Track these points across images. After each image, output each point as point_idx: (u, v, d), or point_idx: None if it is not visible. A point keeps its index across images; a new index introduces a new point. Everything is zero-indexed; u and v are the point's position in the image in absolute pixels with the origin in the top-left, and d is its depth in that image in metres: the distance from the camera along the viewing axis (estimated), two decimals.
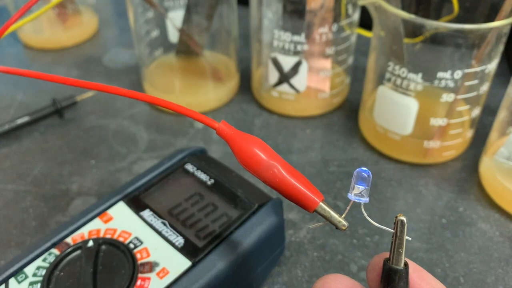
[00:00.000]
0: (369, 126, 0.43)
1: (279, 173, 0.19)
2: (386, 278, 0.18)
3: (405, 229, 0.18)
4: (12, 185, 0.39)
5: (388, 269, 0.18)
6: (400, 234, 0.18)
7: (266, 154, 0.20)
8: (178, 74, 0.51)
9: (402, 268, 0.18)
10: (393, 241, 0.18)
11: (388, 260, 0.18)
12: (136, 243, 0.27)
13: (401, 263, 0.18)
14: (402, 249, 0.18)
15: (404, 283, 0.18)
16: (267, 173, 0.19)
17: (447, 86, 0.36)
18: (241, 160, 0.20)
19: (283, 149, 0.43)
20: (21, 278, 0.25)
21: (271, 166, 0.19)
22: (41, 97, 0.49)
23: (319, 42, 0.42)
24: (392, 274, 0.18)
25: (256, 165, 0.19)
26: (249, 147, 0.20)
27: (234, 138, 0.20)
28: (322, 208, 0.20)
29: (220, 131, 0.20)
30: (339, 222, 0.20)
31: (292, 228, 0.35)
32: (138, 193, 0.30)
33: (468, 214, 0.37)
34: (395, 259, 0.18)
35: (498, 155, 0.37)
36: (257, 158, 0.19)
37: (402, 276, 0.18)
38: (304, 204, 0.19)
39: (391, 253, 0.18)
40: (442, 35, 0.35)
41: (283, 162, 0.20)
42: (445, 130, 0.39)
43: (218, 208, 0.29)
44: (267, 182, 0.20)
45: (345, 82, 0.47)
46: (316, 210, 0.20)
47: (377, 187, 0.39)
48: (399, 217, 0.18)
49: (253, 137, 0.20)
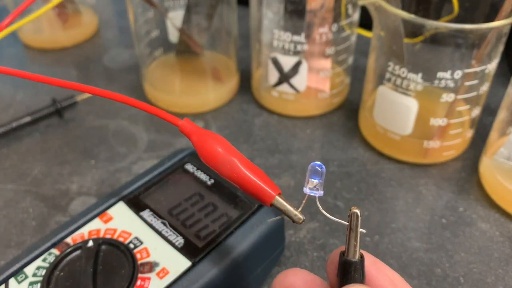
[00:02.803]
0: (369, 126, 0.43)
1: (236, 167, 0.20)
2: (342, 271, 0.19)
3: (359, 222, 0.18)
4: (12, 185, 0.39)
5: (344, 261, 0.18)
6: (355, 227, 0.18)
7: (224, 149, 0.20)
8: (178, 74, 0.51)
9: (357, 260, 0.18)
10: (347, 234, 0.18)
11: (344, 253, 0.19)
12: (136, 243, 0.27)
13: (357, 256, 0.18)
14: (357, 241, 0.18)
15: (359, 275, 0.18)
16: (225, 167, 0.20)
17: (447, 86, 0.36)
18: (201, 155, 0.21)
19: (283, 149, 0.43)
20: (21, 278, 0.25)
21: (229, 161, 0.20)
22: (41, 97, 0.49)
23: (319, 42, 0.42)
24: (347, 266, 0.18)
25: (215, 160, 0.20)
26: (208, 143, 0.20)
27: (196, 135, 0.21)
28: (278, 202, 0.20)
29: (183, 128, 0.21)
30: (295, 215, 0.20)
31: (292, 228, 0.35)
32: (138, 193, 0.30)
33: (468, 214, 0.37)
34: (350, 251, 0.18)
35: (498, 155, 0.37)
36: (216, 153, 0.20)
37: (357, 268, 0.18)
38: (261, 197, 0.20)
39: (346, 246, 0.19)
40: (442, 35, 0.35)
41: (241, 157, 0.20)
42: (445, 130, 0.39)
43: (218, 208, 0.29)
44: (225, 176, 0.20)
45: (345, 82, 0.47)
46: (272, 204, 0.20)
47: (377, 187, 0.39)
48: (353, 209, 0.18)
49: (214, 134, 0.21)
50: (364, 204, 0.37)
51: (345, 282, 0.18)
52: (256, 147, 0.43)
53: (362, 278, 0.19)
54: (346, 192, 0.38)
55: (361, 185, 0.39)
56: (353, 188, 0.39)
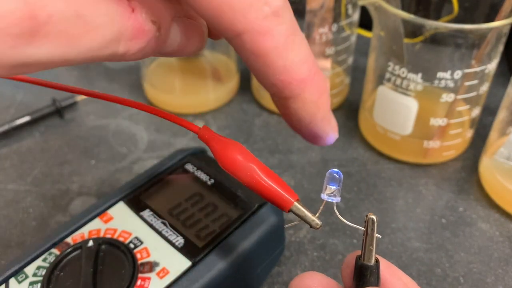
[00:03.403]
0: (369, 126, 0.43)
1: (256, 174, 0.20)
2: (358, 274, 0.19)
3: (375, 227, 0.19)
4: (12, 185, 0.39)
5: (360, 265, 0.19)
6: (371, 232, 0.19)
7: (243, 157, 0.21)
8: (178, 74, 0.51)
9: (373, 264, 0.19)
10: (364, 239, 0.19)
11: (360, 257, 0.19)
12: (136, 243, 0.27)
13: (372, 260, 0.19)
14: (373, 246, 0.19)
15: (375, 278, 0.19)
16: (245, 174, 0.20)
17: (447, 86, 0.36)
18: (221, 163, 0.21)
19: (283, 149, 0.43)
20: (21, 278, 0.25)
21: (248, 168, 0.20)
22: (41, 97, 0.49)
23: (319, 42, 0.42)
24: (364, 270, 0.19)
25: (235, 168, 0.21)
26: (228, 151, 0.21)
27: (215, 142, 0.21)
28: (296, 208, 0.20)
29: (201, 136, 0.21)
30: (312, 221, 0.21)
31: (292, 228, 0.35)
32: (138, 193, 0.30)
33: (468, 214, 0.37)
34: (366, 256, 0.19)
35: (498, 155, 0.37)
36: (236, 161, 0.21)
37: (373, 272, 0.19)
38: (280, 203, 0.20)
39: (362, 250, 0.19)
40: (442, 35, 0.35)
41: (260, 164, 0.21)
42: (445, 130, 0.39)
43: (218, 208, 0.29)
44: (245, 183, 0.21)
45: (345, 82, 0.47)
46: (291, 210, 0.20)
47: (377, 187, 0.39)
48: (369, 215, 0.19)
49: (232, 141, 0.21)
50: (364, 204, 0.37)
51: (361, 285, 0.19)
52: (256, 147, 0.43)
53: (378, 282, 0.19)
54: (346, 192, 0.38)
55: (361, 185, 0.39)
56: (353, 188, 0.39)
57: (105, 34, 0.14)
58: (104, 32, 0.14)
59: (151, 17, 0.16)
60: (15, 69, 0.13)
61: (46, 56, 0.13)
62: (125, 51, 0.15)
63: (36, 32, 0.13)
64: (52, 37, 0.13)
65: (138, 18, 0.15)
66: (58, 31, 0.13)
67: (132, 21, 0.15)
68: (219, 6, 0.15)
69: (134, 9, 0.15)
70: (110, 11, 0.14)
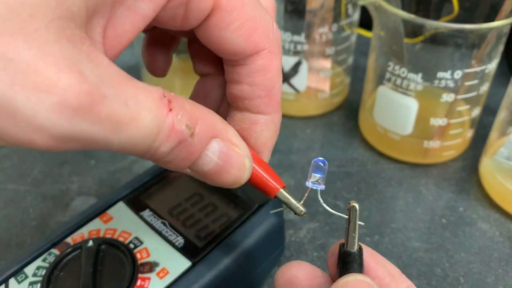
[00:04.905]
0: (369, 126, 0.43)
1: None
2: (341, 261, 0.20)
3: (357, 215, 0.19)
4: (12, 185, 0.39)
5: (343, 252, 0.19)
6: (353, 219, 0.19)
7: None
8: (178, 74, 0.51)
9: (356, 251, 0.19)
10: (347, 227, 0.19)
11: (343, 244, 0.20)
12: (136, 243, 0.27)
13: (355, 247, 0.19)
14: (356, 233, 0.19)
15: (358, 265, 0.19)
16: None
17: (447, 86, 0.36)
18: None
19: (283, 149, 0.43)
20: (21, 278, 0.25)
21: None
22: None
23: (319, 42, 0.42)
24: (347, 257, 0.19)
25: None
26: None
27: None
28: (282, 195, 0.21)
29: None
30: (297, 208, 0.21)
31: (292, 228, 0.35)
32: (138, 193, 0.30)
33: (468, 214, 0.37)
34: (349, 243, 0.19)
35: (498, 155, 0.37)
36: None
37: (356, 258, 0.19)
38: (266, 190, 0.21)
39: (345, 238, 0.19)
40: (442, 35, 0.35)
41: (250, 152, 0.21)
42: (445, 130, 0.39)
43: (218, 208, 0.29)
44: None
45: (345, 82, 0.47)
46: (276, 196, 0.21)
47: (377, 187, 0.39)
48: (352, 203, 0.19)
49: None
50: (364, 204, 0.37)
51: (344, 272, 0.19)
52: None
53: (361, 269, 0.19)
54: (346, 192, 0.38)
55: (361, 185, 0.39)
56: (353, 188, 0.39)
57: (147, 126, 0.15)
58: (146, 123, 0.15)
59: (186, 121, 0.17)
60: (65, 142, 0.14)
61: (93, 135, 0.14)
62: (159, 147, 0.16)
63: (91, 109, 0.14)
64: (103, 117, 0.14)
65: (174, 117, 0.16)
66: (109, 113, 0.14)
67: (169, 118, 0.16)
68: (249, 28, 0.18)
69: (172, 109, 0.16)
70: (152, 105, 0.16)
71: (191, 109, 0.17)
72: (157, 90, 0.16)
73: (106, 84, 0.14)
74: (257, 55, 0.20)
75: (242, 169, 0.19)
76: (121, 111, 0.15)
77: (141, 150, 0.16)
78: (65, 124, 0.13)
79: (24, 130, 0.13)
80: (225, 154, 0.18)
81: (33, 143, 0.14)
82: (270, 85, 0.21)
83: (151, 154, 0.17)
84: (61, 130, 0.13)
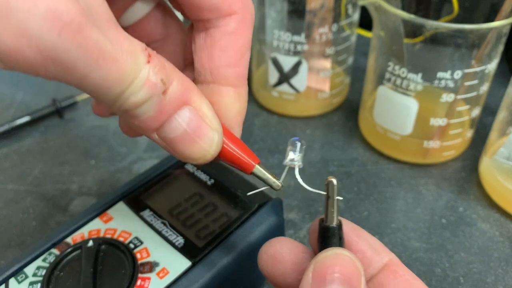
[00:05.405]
0: (369, 126, 0.43)
1: None
2: (321, 236, 0.20)
3: (335, 190, 0.19)
4: (12, 185, 0.39)
5: (323, 227, 0.20)
6: (332, 194, 0.19)
7: None
8: None
9: (335, 225, 0.19)
10: (326, 202, 0.20)
11: (323, 220, 0.20)
12: (136, 243, 0.27)
13: (334, 221, 0.19)
14: (334, 208, 0.19)
15: (337, 239, 0.19)
16: None
17: (447, 86, 0.36)
18: None
19: (283, 149, 0.43)
20: (21, 278, 0.25)
21: None
22: (41, 97, 0.49)
23: (319, 42, 0.42)
24: (326, 232, 0.19)
25: None
26: None
27: None
28: (258, 170, 0.21)
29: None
30: (273, 182, 0.21)
31: (292, 228, 0.35)
32: (138, 193, 0.30)
33: (468, 214, 0.37)
34: (329, 218, 0.20)
35: (498, 155, 0.37)
36: None
37: (335, 233, 0.19)
38: (242, 166, 0.21)
39: (325, 213, 0.20)
40: (442, 35, 0.35)
41: (225, 129, 0.21)
42: (445, 130, 0.39)
43: (218, 208, 0.29)
44: None
45: (345, 82, 0.47)
46: (253, 172, 0.21)
47: (377, 187, 0.39)
48: (329, 178, 0.19)
49: None
50: (364, 204, 0.37)
51: (324, 246, 0.19)
52: (256, 147, 0.43)
53: (341, 243, 0.20)
54: (346, 192, 0.38)
55: (361, 185, 0.39)
56: (353, 188, 0.39)
57: (125, 70, 0.15)
58: (125, 67, 0.15)
59: (162, 76, 0.16)
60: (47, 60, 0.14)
61: (76, 60, 0.14)
62: (130, 95, 0.16)
63: (80, 30, 0.14)
64: (89, 45, 0.14)
65: (151, 68, 0.16)
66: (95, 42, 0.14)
67: (146, 68, 0.16)
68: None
69: (151, 62, 0.16)
70: (133, 52, 0.15)
71: (169, 68, 0.17)
72: (140, 43, 0.16)
73: (96, 18, 0.14)
74: (230, 18, 0.19)
75: (210, 142, 0.19)
76: (106, 47, 0.15)
77: (112, 94, 0.16)
78: (54, 37, 0.13)
79: (13, 33, 0.13)
80: (195, 123, 0.18)
81: (20, 52, 0.13)
82: (241, 52, 0.20)
83: (120, 103, 0.16)
84: (48, 43, 0.13)
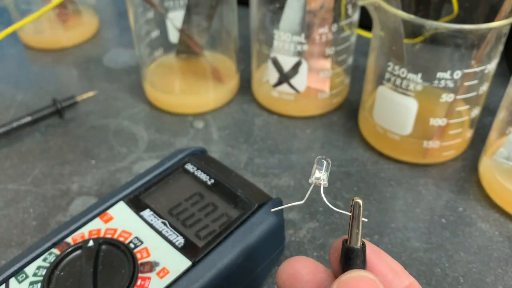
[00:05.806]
0: (369, 126, 0.43)
1: None
2: (344, 257, 0.20)
3: (361, 211, 0.19)
4: (13, 185, 0.39)
5: (346, 248, 0.20)
6: (357, 216, 0.19)
7: None
8: (178, 74, 0.51)
9: (359, 247, 0.19)
10: (350, 223, 0.19)
11: (346, 240, 0.20)
12: (136, 243, 0.27)
13: (359, 243, 0.19)
14: (359, 229, 0.19)
15: (361, 261, 0.19)
16: None
17: (447, 86, 0.36)
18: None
19: (283, 149, 0.43)
20: (22, 278, 0.25)
21: None
22: (41, 97, 0.49)
23: (319, 42, 0.42)
24: (350, 253, 0.19)
25: None
26: None
27: None
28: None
29: None
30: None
31: (292, 228, 0.35)
32: (138, 193, 0.30)
33: (467, 214, 0.37)
34: (353, 239, 0.19)
35: (498, 155, 0.37)
36: None
37: (359, 254, 0.19)
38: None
39: (349, 234, 0.20)
40: (441, 35, 0.35)
41: None
42: (444, 130, 0.39)
43: (218, 208, 0.29)
44: None
45: (345, 82, 0.47)
46: None
47: (377, 187, 0.39)
48: (355, 199, 0.19)
49: None
50: (364, 204, 0.37)
51: (347, 268, 0.19)
52: (256, 147, 0.43)
53: (364, 265, 0.20)
54: (346, 192, 0.39)
55: (361, 185, 0.39)
56: (353, 188, 0.39)
57: None
58: None
59: None
60: None
61: None
62: None
63: None
64: None
65: None
66: None
67: None
68: None
69: None
70: None
71: None
72: None
73: None
74: None
75: None
76: None
77: None
78: None
79: None
80: None
81: None
82: None
83: None
84: None
